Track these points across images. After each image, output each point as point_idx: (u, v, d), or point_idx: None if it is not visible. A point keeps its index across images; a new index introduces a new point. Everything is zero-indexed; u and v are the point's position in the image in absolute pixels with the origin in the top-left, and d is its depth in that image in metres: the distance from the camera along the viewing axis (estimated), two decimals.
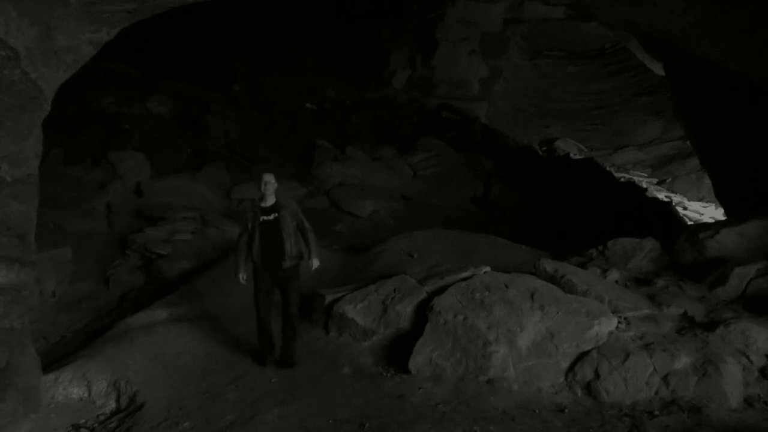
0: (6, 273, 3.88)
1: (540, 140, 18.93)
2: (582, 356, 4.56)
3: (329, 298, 5.81)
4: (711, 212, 14.31)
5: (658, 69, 16.57)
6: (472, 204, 12.28)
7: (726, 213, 9.74)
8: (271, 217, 5.03)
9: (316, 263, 5.15)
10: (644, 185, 16.06)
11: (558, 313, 4.77)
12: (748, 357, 4.50)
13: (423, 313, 5.14)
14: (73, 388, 4.60)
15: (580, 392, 4.39)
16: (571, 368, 4.54)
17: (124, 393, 4.64)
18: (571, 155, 16.93)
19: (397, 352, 5.00)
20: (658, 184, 17.67)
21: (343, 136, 14.41)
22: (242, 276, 5.11)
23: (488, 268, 5.76)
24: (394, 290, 5.60)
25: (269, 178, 5.13)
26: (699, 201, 16.03)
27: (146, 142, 11.25)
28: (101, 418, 4.46)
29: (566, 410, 4.19)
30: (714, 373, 4.20)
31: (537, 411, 4.17)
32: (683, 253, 6.44)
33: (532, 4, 18.96)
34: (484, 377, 4.54)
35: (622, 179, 15.57)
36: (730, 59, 6.98)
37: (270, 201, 5.12)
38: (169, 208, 9.16)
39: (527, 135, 18.70)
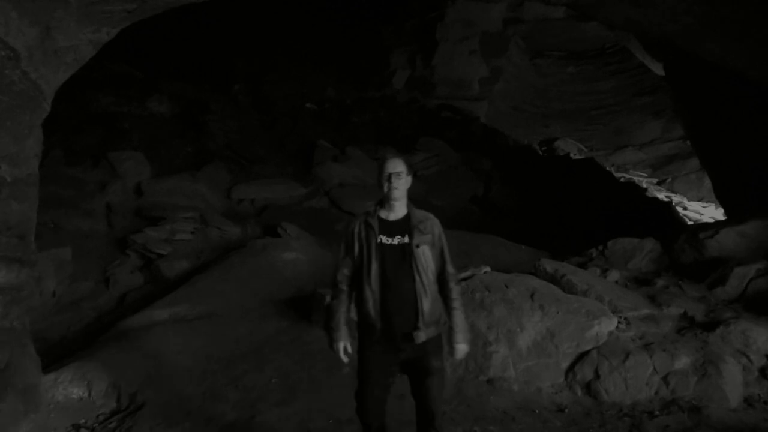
0: (6, 273, 3.87)
1: (540, 140, 18.92)
2: (582, 356, 4.56)
3: (329, 298, 5.80)
4: (711, 212, 14.31)
5: (658, 69, 16.59)
6: (472, 204, 12.28)
7: (726, 213, 9.73)
8: (395, 241, 2.87)
9: (462, 349, 2.93)
10: (644, 185, 16.06)
11: (558, 313, 4.77)
12: (748, 357, 4.50)
13: None
14: (73, 388, 4.58)
15: (580, 392, 4.39)
16: (571, 368, 4.54)
17: (124, 393, 4.63)
18: (571, 155, 16.92)
19: None
20: (658, 184, 17.68)
21: (343, 136, 14.39)
22: (343, 346, 2.92)
23: (488, 268, 5.76)
24: None
25: (399, 166, 2.89)
26: (699, 201, 16.03)
27: (146, 142, 11.24)
28: (101, 418, 4.46)
29: (566, 410, 4.19)
30: (714, 373, 4.20)
31: (537, 411, 4.18)
32: (683, 253, 6.45)
33: (532, 4, 18.98)
34: (484, 377, 4.54)
35: (622, 179, 15.56)
36: (730, 59, 6.98)
37: (399, 210, 2.93)
38: (169, 208, 9.15)
39: (527, 135, 18.70)
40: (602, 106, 20.67)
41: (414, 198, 3.07)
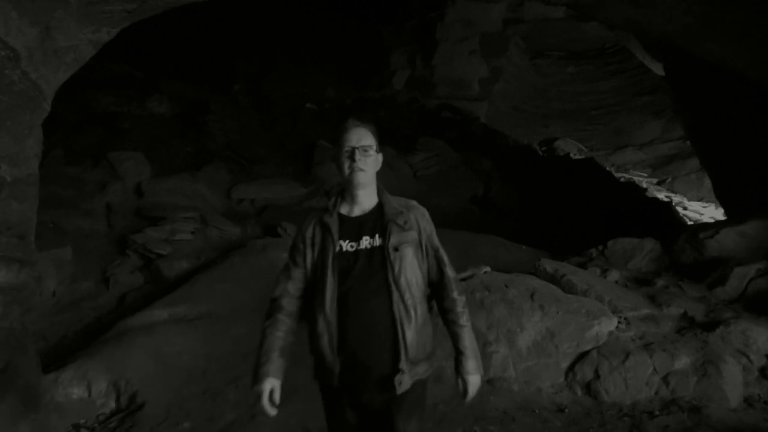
0: (6, 273, 3.87)
1: (540, 140, 18.93)
2: (582, 356, 4.56)
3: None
4: (711, 212, 14.30)
5: (658, 69, 16.59)
6: (472, 204, 12.28)
7: (726, 213, 9.73)
8: (363, 245, 2.08)
9: (475, 382, 2.20)
10: (644, 185, 16.06)
11: (558, 313, 4.77)
12: (748, 357, 4.50)
13: None
14: (73, 388, 4.58)
15: (580, 392, 4.39)
16: (571, 368, 4.54)
17: (124, 393, 4.63)
18: (571, 155, 16.92)
19: None
20: (658, 184, 17.67)
21: None
22: (269, 390, 2.15)
23: (488, 268, 5.76)
24: None
25: (365, 138, 2.17)
26: (699, 201, 16.03)
27: (146, 142, 11.23)
28: (101, 418, 4.46)
29: (566, 410, 4.19)
30: (714, 373, 4.20)
31: (537, 411, 4.18)
32: (683, 253, 6.44)
33: (532, 4, 18.99)
34: (484, 377, 4.53)
35: (622, 179, 15.56)
36: (730, 59, 6.98)
37: (366, 201, 2.16)
38: (169, 208, 9.15)
39: (527, 135, 18.70)
40: (602, 106, 20.67)
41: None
